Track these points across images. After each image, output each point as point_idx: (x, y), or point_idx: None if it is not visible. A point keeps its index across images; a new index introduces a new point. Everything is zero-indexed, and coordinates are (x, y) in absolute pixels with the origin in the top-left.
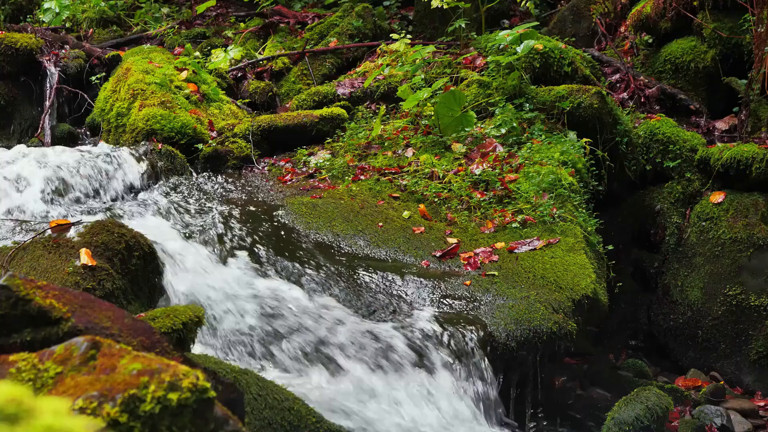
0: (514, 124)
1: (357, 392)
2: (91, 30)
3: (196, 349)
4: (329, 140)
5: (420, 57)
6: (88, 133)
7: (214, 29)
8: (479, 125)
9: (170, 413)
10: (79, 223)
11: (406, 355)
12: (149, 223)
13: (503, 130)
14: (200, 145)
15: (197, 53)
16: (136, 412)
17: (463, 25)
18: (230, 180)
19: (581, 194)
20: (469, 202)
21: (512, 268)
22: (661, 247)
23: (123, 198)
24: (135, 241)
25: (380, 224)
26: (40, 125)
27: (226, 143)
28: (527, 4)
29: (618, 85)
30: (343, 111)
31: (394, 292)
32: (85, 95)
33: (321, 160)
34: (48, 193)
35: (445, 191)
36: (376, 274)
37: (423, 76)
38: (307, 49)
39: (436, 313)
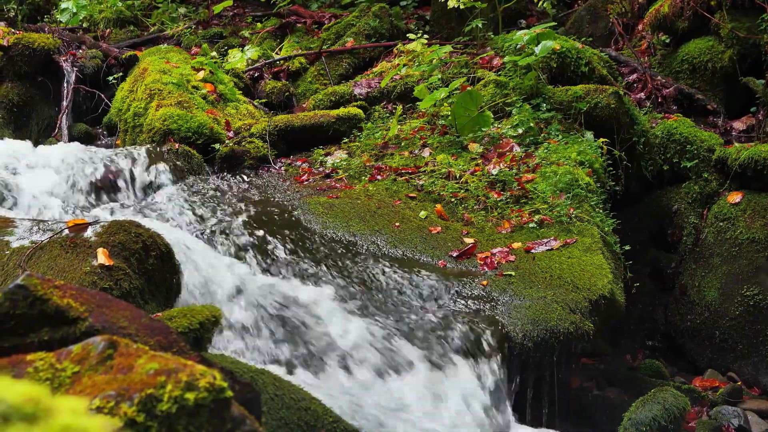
0: (531, 124)
1: (371, 392)
2: (108, 30)
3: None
4: (346, 140)
5: (437, 57)
6: (105, 132)
7: (231, 29)
8: (496, 125)
9: (187, 413)
10: (96, 222)
11: (420, 354)
12: (165, 222)
13: (520, 130)
14: (217, 145)
15: (214, 53)
16: (153, 412)
17: (480, 25)
18: (247, 180)
19: (598, 194)
20: (486, 202)
21: (529, 268)
22: (678, 247)
23: (140, 197)
24: (152, 241)
25: (397, 224)
26: (57, 125)
27: (243, 143)
28: (544, 4)
29: (635, 85)
30: (360, 111)
31: (411, 292)
32: (102, 95)
33: (338, 160)
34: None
35: (462, 191)
36: (393, 273)
37: (440, 76)
38: (324, 49)
39: (453, 313)
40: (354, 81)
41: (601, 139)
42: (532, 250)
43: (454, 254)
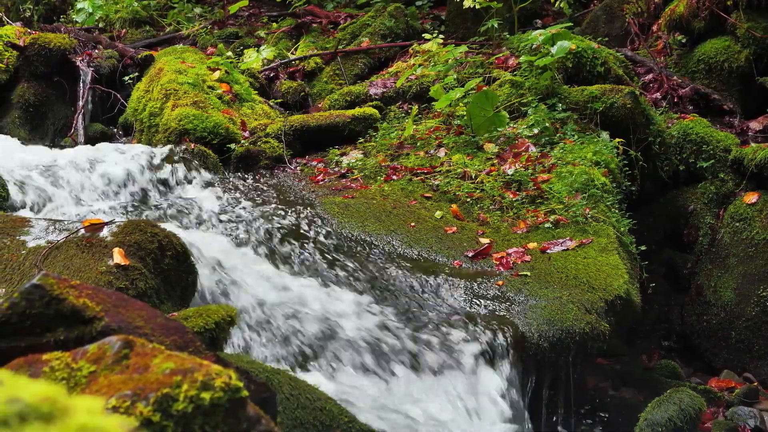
0: (547, 124)
1: (383, 393)
2: (124, 30)
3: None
4: (361, 140)
5: (452, 57)
6: (120, 132)
7: (247, 29)
8: (512, 125)
9: (203, 412)
10: (112, 222)
11: (433, 354)
12: (181, 222)
13: (536, 130)
14: (233, 145)
15: (230, 53)
16: (169, 411)
17: (496, 25)
18: (263, 180)
19: (614, 194)
20: (502, 202)
21: (545, 268)
22: (694, 247)
23: (156, 197)
24: (168, 241)
25: (412, 224)
26: (73, 125)
27: (259, 143)
28: (560, 4)
29: (651, 85)
30: (376, 111)
31: (426, 292)
32: (118, 95)
33: (353, 160)
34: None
35: (478, 191)
36: (408, 273)
37: (455, 76)
38: (340, 49)
39: (468, 313)
40: (369, 81)
41: (617, 139)
42: (548, 251)
43: (470, 254)
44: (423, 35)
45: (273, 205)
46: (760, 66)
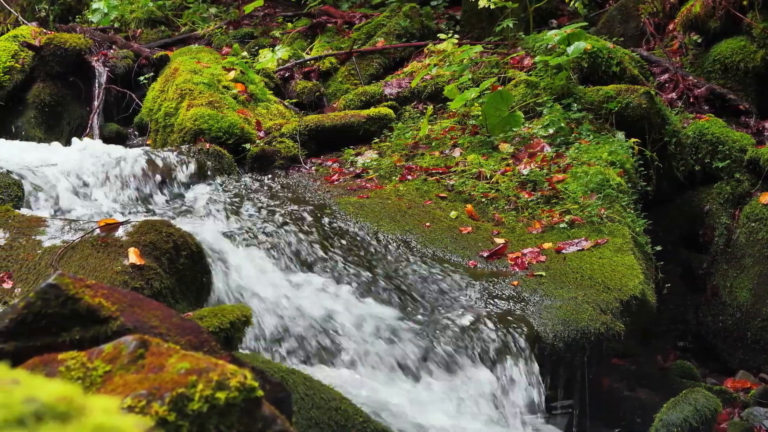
0: (562, 124)
1: (396, 393)
2: (139, 30)
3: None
4: (376, 140)
5: (467, 57)
6: (136, 132)
7: (262, 29)
8: (527, 125)
9: (218, 412)
10: (127, 222)
11: (449, 354)
12: (196, 221)
13: (551, 130)
14: (248, 145)
15: (245, 53)
16: (185, 411)
17: (511, 25)
18: (277, 180)
19: (629, 195)
20: (517, 202)
21: (560, 268)
22: (710, 247)
23: (171, 197)
24: (183, 241)
25: (427, 224)
26: (89, 124)
27: (274, 143)
28: (575, 4)
29: (666, 85)
30: (390, 111)
31: (441, 292)
32: (133, 95)
33: (368, 160)
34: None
35: (493, 191)
36: (423, 273)
37: (470, 76)
38: (355, 49)
39: (483, 313)
40: (384, 81)
41: (633, 139)
42: (563, 251)
43: (485, 254)
44: (438, 35)
45: (288, 205)
46: None
